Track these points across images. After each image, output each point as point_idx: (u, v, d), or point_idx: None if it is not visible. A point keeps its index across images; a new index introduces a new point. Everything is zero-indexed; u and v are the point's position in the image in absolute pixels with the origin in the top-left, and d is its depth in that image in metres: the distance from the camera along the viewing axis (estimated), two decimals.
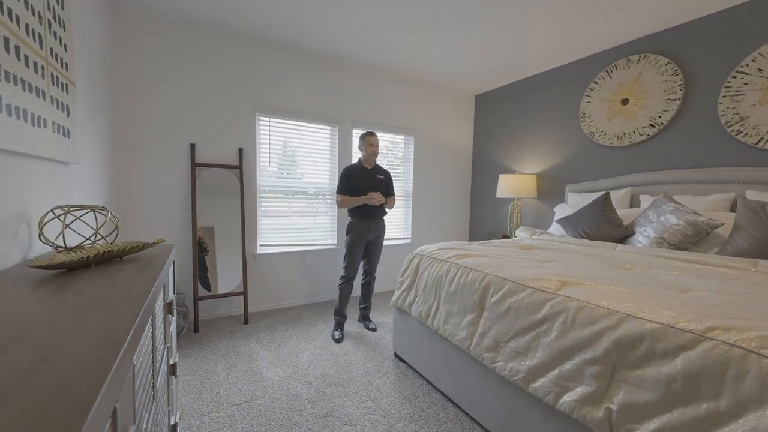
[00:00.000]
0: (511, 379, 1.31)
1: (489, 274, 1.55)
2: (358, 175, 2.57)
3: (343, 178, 2.57)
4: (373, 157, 2.59)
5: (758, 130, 2.07)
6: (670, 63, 2.46)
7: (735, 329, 0.89)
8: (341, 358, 2.17)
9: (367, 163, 2.61)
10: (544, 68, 3.31)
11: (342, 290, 2.58)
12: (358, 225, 2.56)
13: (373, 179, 2.61)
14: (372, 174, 2.62)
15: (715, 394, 0.85)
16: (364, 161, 2.61)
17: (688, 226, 1.91)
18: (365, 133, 2.59)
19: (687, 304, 1.06)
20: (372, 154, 2.57)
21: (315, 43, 2.88)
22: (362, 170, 2.60)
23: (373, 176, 2.62)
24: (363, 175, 2.58)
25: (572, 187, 3.06)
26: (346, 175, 2.57)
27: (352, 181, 2.55)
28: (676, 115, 2.44)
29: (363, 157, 2.61)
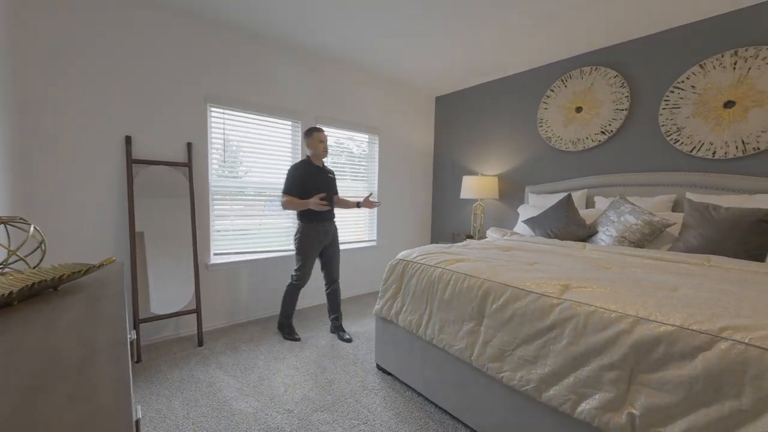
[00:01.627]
0: (522, 389, 1.28)
1: (487, 280, 1.51)
2: (310, 174, 2.39)
3: (292, 177, 2.36)
4: (325, 153, 2.43)
5: (692, 140, 2.35)
6: (618, 76, 2.70)
7: (744, 328, 0.94)
8: (320, 377, 1.98)
9: (318, 161, 2.44)
10: (504, 74, 3.44)
11: (289, 294, 2.47)
12: (315, 229, 2.40)
13: (327, 179, 2.46)
14: (325, 173, 2.48)
15: (737, 393, 0.88)
16: (314, 158, 2.42)
17: (646, 225, 2.10)
18: (313, 129, 2.39)
19: (688, 304, 1.11)
20: (324, 150, 2.41)
21: (277, 32, 2.61)
22: (314, 168, 2.42)
23: (326, 175, 2.47)
24: (316, 174, 2.42)
25: (532, 188, 3.23)
26: (296, 174, 2.37)
27: (304, 181, 2.36)
28: (624, 123, 2.69)
29: (313, 154, 2.42)
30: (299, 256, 2.41)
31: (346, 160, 3.51)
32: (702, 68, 2.29)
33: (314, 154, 2.42)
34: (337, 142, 3.41)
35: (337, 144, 3.40)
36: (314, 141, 2.39)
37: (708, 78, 2.27)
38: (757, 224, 1.73)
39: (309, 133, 2.40)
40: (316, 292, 3.24)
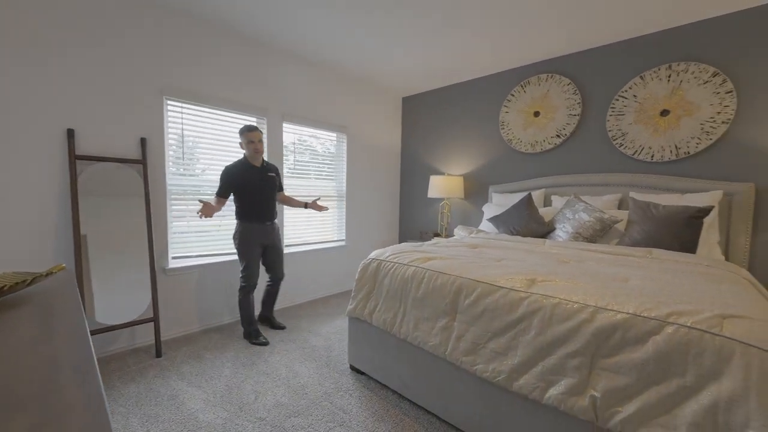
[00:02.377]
0: (494, 380, 1.34)
1: (459, 277, 1.56)
2: (244, 174, 2.32)
3: (224, 179, 2.29)
4: (257, 155, 2.34)
5: (634, 144, 2.60)
6: (571, 83, 2.91)
7: (686, 314, 1.06)
8: (292, 381, 1.93)
9: (255, 161, 2.37)
10: (469, 77, 3.56)
11: (242, 301, 2.41)
12: (254, 228, 2.37)
13: (266, 177, 2.41)
14: (263, 172, 2.41)
15: (682, 371, 0.99)
16: (251, 159, 2.36)
17: (597, 222, 2.29)
18: (243, 128, 2.31)
19: (640, 294, 1.23)
20: (255, 151, 2.31)
21: (242, 25, 2.50)
22: (250, 168, 2.35)
23: (265, 174, 2.41)
24: (252, 173, 2.35)
25: (495, 188, 3.38)
26: (228, 175, 2.29)
27: (238, 182, 2.30)
28: (576, 128, 2.90)
29: (247, 155, 2.36)
30: (241, 258, 2.37)
31: (310, 158, 3.44)
32: (642, 79, 2.53)
33: (248, 155, 2.37)
34: (300, 140, 3.32)
35: (300, 142, 3.32)
36: (244, 141, 2.32)
37: (647, 89, 2.51)
38: (689, 220, 1.96)
39: (240, 132, 2.32)
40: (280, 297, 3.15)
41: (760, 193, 2.15)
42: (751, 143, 2.17)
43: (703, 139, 2.30)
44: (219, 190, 2.30)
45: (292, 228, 3.27)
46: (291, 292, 3.23)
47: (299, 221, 3.32)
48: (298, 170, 3.29)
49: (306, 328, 2.69)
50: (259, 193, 2.37)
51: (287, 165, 3.16)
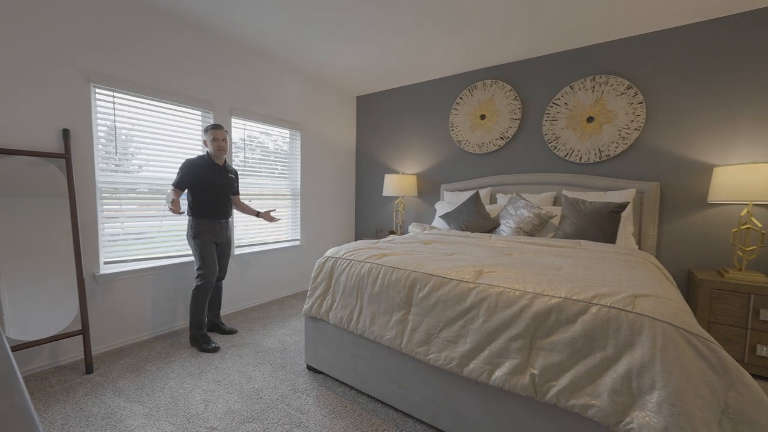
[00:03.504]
0: (446, 367, 1.42)
1: (413, 271, 1.63)
2: (206, 170, 2.29)
3: (186, 171, 2.22)
4: (221, 153, 2.32)
5: (566, 147, 2.89)
6: (512, 90, 3.14)
7: (607, 295, 1.22)
8: (246, 386, 1.86)
9: (218, 160, 2.36)
10: (420, 80, 3.68)
11: (196, 300, 2.30)
12: (210, 224, 2.33)
13: (227, 179, 2.40)
14: (224, 172, 2.40)
15: (604, 345, 1.14)
16: (214, 157, 2.34)
17: (536, 217, 2.51)
18: (209, 126, 2.31)
19: (569, 280, 1.38)
20: (219, 149, 2.30)
21: (186, 11, 2.33)
22: (212, 165, 2.32)
23: (225, 174, 2.39)
24: (213, 169, 2.32)
25: (446, 186, 3.54)
26: (191, 168, 2.23)
27: (201, 178, 2.25)
28: (517, 131, 3.14)
29: (210, 152, 2.34)
30: (197, 252, 2.29)
31: (261, 155, 3.32)
32: (571, 89, 2.82)
33: (211, 153, 2.33)
34: (251, 136, 3.19)
35: (250, 139, 3.19)
36: (208, 139, 2.31)
37: (576, 97, 2.81)
38: (609, 215, 2.23)
39: (205, 130, 2.33)
40: (231, 300, 3.01)
41: (664, 191, 2.51)
42: (657, 148, 2.53)
43: (621, 144, 2.63)
44: (177, 182, 2.20)
45: (244, 228, 3.12)
46: (243, 295, 3.10)
47: (252, 221, 3.19)
48: (249, 168, 3.15)
49: (260, 331, 2.60)
50: (217, 191, 2.33)
51: (237, 162, 3.02)
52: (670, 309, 1.12)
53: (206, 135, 2.32)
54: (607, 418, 1.08)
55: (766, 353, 1.95)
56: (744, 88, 2.24)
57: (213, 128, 2.30)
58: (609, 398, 1.09)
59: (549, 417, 1.24)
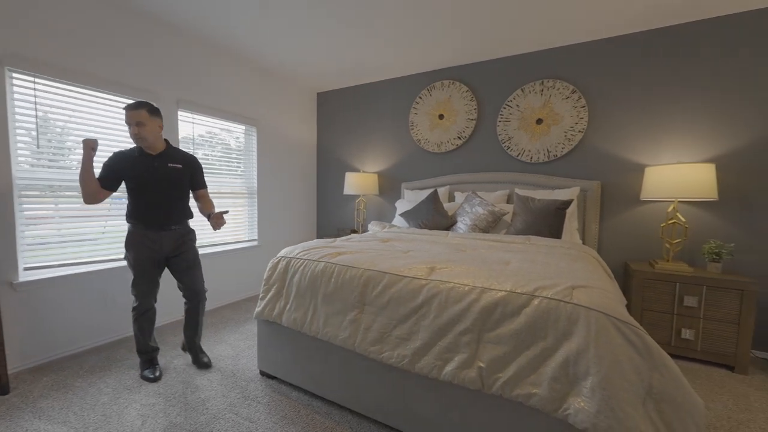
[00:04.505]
0: (399, 364, 1.41)
1: (367, 270, 1.60)
2: (133, 162, 1.84)
3: (107, 163, 1.83)
4: (138, 141, 1.82)
5: (518, 147, 3.01)
6: (468, 91, 3.22)
7: (548, 287, 1.27)
8: (191, 397, 1.74)
9: (149, 149, 1.88)
10: (381, 78, 3.67)
11: (138, 325, 1.91)
12: (143, 236, 1.86)
13: (163, 168, 1.89)
14: (162, 161, 1.90)
15: (544, 335, 1.19)
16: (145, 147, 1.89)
17: (490, 214, 2.59)
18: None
19: (516, 274, 1.43)
20: (135, 137, 1.80)
21: None
22: (142, 156, 1.86)
23: (163, 164, 1.89)
24: (143, 161, 1.85)
25: (407, 185, 3.56)
26: (110, 158, 1.84)
27: (121, 170, 1.82)
28: (474, 131, 3.23)
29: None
30: (130, 268, 1.90)
31: (213, 151, 3.14)
32: (522, 92, 2.95)
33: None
34: (210, 132, 3.01)
35: (209, 135, 3.01)
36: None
37: (526, 100, 2.93)
38: (556, 212, 2.35)
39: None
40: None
41: (604, 189, 2.70)
42: (598, 149, 2.71)
43: (567, 145, 2.79)
44: (99, 176, 1.80)
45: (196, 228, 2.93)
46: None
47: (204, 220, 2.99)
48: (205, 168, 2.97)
49: (211, 338, 2.46)
50: (152, 189, 1.85)
51: None
52: (603, 299, 1.19)
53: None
54: (547, 405, 1.13)
55: (689, 336, 2.15)
56: (671, 95, 2.45)
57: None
58: (549, 386, 1.14)
59: (496, 408, 1.28)
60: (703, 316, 2.12)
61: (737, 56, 2.27)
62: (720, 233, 2.34)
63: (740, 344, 2.03)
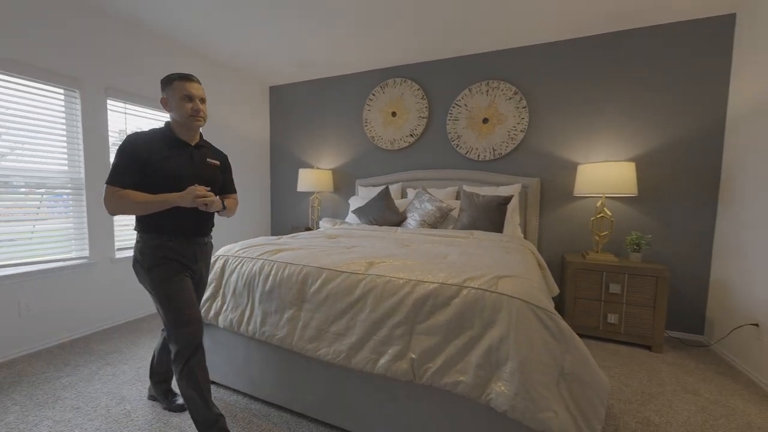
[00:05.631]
0: (335, 360, 1.40)
1: (306, 266, 1.57)
2: (167, 152, 1.35)
3: (125, 156, 1.29)
4: (193, 122, 1.37)
5: (467, 146, 3.11)
6: (420, 89, 3.27)
7: (476, 278, 1.32)
8: (114, 409, 1.61)
9: (186, 132, 1.40)
10: (335, 73, 3.62)
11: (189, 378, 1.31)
12: (168, 248, 1.35)
13: (201, 164, 1.43)
14: (201, 155, 1.44)
15: (471, 324, 1.23)
16: (180, 128, 1.39)
17: (438, 210, 2.65)
18: (175, 76, 1.36)
19: (450, 267, 1.47)
20: (194, 116, 1.36)
21: None
22: (176, 144, 1.38)
23: (201, 158, 1.44)
24: (179, 152, 1.38)
25: (361, 181, 3.55)
26: (131, 149, 1.29)
27: (150, 162, 1.30)
28: (425, 129, 3.29)
29: (177, 120, 1.38)
30: (156, 295, 1.34)
31: None
32: (470, 91, 3.05)
33: (179, 121, 1.38)
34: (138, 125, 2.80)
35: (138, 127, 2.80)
36: (173, 97, 1.35)
37: (473, 99, 3.04)
38: (497, 207, 2.46)
39: (167, 81, 1.37)
40: (108, 313, 2.61)
41: (543, 185, 2.87)
42: (538, 148, 2.87)
43: (510, 144, 2.92)
44: (112, 176, 1.27)
45: (129, 228, 2.72)
46: (131, 304, 2.70)
47: None
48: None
49: (147, 344, 2.29)
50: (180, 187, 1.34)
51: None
52: (525, 287, 1.26)
53: (168, 91, 1.36)
54: (472, 392, 1.17)
55: (614, 320, 2.34)
56: (599, 99, 2.65)
57: (180, 79, 1.35)
58: (474, 373, 1.18)
59: (427, 398, 1.30)
60: (626, 302, 2.31)
61: (654, 65, 2.50)
62: (640, 225, 2.58)
63: (656, 326, 2.25)
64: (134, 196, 1.28)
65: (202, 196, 1.32)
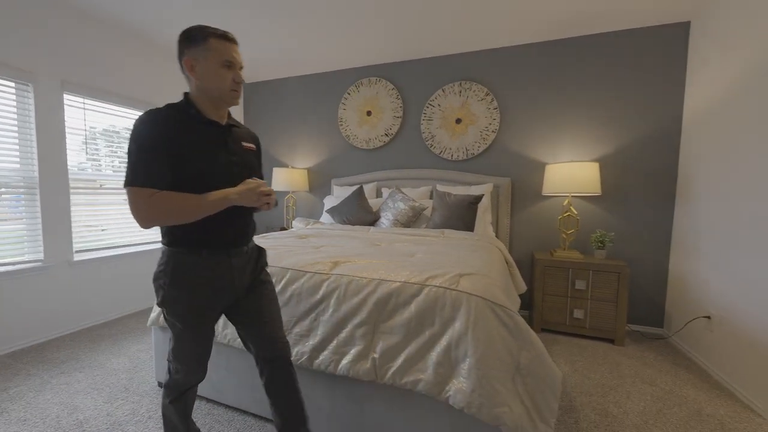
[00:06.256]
0: (298, 362, 1.38)
1: (270, 266, 1.54)
2: (190, 134, 0.99)
3: (147, 143, 0.93)
4: (235, 98, 1.05)
5: (440, 145, 3.13)
6: (394, 89, 3.28)
7: (438, 276, 1.32)
8: (65, 420, 1.52)
9: (215, 109, 1.05)
10: (310, 71, 3.58)
11: (176, 408, 1.16)
12: (202, 267, 1.02)
13: (238, 150, 1.10)
14: (231, 137, 1.09)
15: (432, 322, 1.24)
16: (208, 104, 1.03)
17: (410, 209, 2.66)
18: (212, 32, 0.99)
19: (414, 265, 1.47)
20: (236, 87, 1.03)
21: None
22: (202, 122, 1.02)
23: (237, 142, 1.10)
24: (206, 135, 1.02)
25: (336, 181, 3.52)
26: (154, 134, 0.94)
27: (173, 151, 0.95)
28: (400, 128, 3.30)
29: (209, 92, 1.02)
30: (170, 323, 1.07)
31: (108, 143, 2.81)
32: (443, 92, 3.07)
33: (209, 92, 1.01)
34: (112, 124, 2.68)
35: (94, 124, 2.67)
36: (208, 56, 0.98)
37: (447, 100, 3.07)
38: (468, 206, 2.49)
39: (198, 37, 0.98)
40: (71, 320, 2.48)
41: (514, 185, 2.92)
42: (509, 148, 2.93)
43: (482, 144, 2.97)
44: (145, 174, 0.92)
45: (88, 228, 2.60)
46: (90, 309, 2.57)
47: (100, 214, 2.67)
48: (95, 160, 2.64)
49: (106, 350, 2.19)
50: (227, 177, 1.03)
51: (74, 156, 2.47)
52: (484, 284, 1.27)
53: (198, 50, 0.98)
54: (432, 390, 1.17)
55: (579, 315, 2.42)
56: (563, 101, 2.73)
57: (220, 37, 0.99)
58: (434, 371, 1.18)
59: (390, 397, 1.30)
60: (591, 297, 2.39)
61: (615, 70, 2.59)
62: (605, 223, 2.67)
63: (618, 320, 2.33)
64: (181, 198, 0.93)
65: (267, 192, 1.03)
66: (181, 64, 1.01)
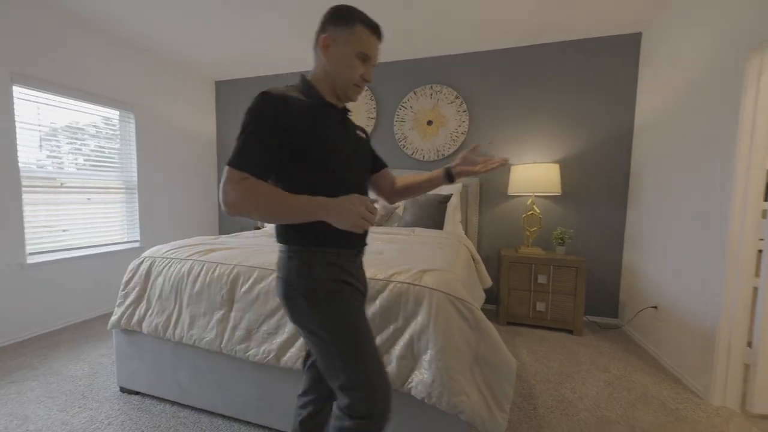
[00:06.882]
0: (265, 360, 1.38)
1: (237, 265, 1.54)
2: (317, 119, 0.87)
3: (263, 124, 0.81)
4: (356, 93, 0.95)
5: (413, 146, 3.20)
6: (368, 90, 3.31)
7: (403, 272, 1.37)
8: (18, 430, 1.45)
9: (334, 97, 0.94)
10: (284, 70, 3.55)
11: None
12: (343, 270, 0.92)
13: (356, 139, 1.02)
14: (350, 125, 1.01)
15: (396, 317, 1.28)
16: (328, 89, 0.93)
17: (383, 209, 2.70)
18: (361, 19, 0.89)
19: (382, 262, 1.51)
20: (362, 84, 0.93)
21: None
22: (324, 107, 0.91)
23: (353, 131, 1.03)
24: (329, 120, 0.91)
25: None
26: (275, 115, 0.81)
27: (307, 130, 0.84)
28: (374, 129, 3.34)
29: (332, 79, 0.92)
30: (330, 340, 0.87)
31: (71, 140, 2.68)
32: (415, 94, 3.14)
33: (330, 75, 0.92)
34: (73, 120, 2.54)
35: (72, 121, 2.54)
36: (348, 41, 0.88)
37: (419, 102, 3.13)
38: (438, 205, 2.57)
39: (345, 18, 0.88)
40: (25, 326, 2.35)
41: (482, 185, 3.04)
42: (477, 150, 3.03)
43: (452, 145, 3.06)
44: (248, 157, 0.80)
45: (48, 229, 2.46)
46: (46, 315, 2.44)
47: (62, 216, 2.53)
48: (56, 157, 2.51)
49: (64, 356, 2.10)
50: (355, 174, 0.97)
51: (30, 153, 2.34)
52: (446, 280, 1.33)
53: (340, 31, 0.88)
54: (395, 381, 1.22)
55: (541, 308, 2.55)
56: (526, 105, 2.87)
57: (368, 26, 0.89)
58: (398, 364, 1.23)
59: None
60: (552, 291, 2.53)
61: (572, 76, 2.75)
62: (565, 221, 2.83)
63: (576, 312, 2.48)
64: (272, 192, 0.80)
65: (372, 210, 0.84)
66: (317, 39, 0.91)
